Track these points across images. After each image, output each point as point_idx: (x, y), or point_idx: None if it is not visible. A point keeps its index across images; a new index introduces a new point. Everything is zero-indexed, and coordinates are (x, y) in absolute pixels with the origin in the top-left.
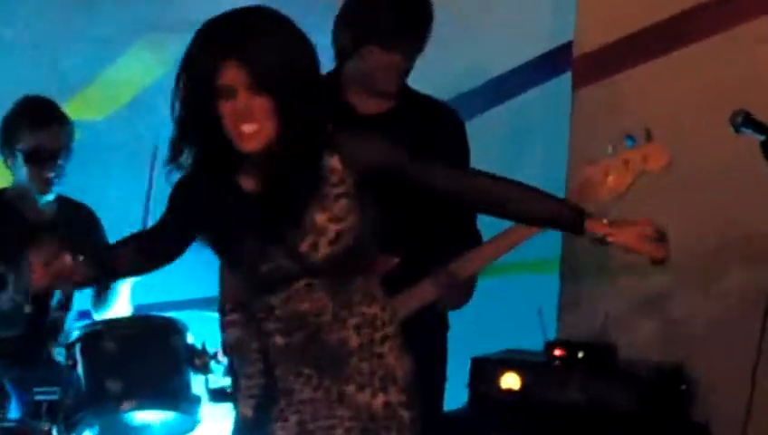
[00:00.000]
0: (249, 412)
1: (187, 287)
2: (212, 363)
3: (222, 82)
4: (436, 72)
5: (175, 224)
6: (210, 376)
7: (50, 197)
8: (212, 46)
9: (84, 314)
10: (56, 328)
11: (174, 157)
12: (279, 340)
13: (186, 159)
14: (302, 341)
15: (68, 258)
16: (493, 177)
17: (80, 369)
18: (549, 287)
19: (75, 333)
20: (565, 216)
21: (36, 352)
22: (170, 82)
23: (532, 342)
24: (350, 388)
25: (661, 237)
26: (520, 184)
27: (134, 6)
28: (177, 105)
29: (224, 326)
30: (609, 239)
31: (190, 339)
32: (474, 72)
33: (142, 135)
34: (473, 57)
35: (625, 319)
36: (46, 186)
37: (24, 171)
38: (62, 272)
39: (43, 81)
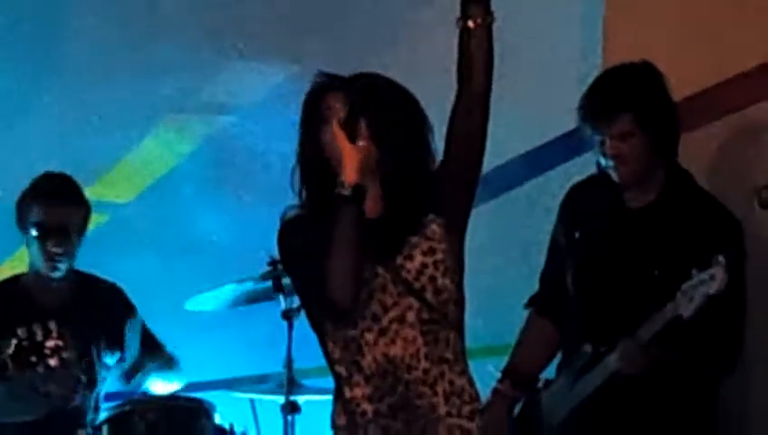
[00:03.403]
0: None
1: (215, 368)
2: None
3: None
4: None
5: None
6: None
7: (58, 274)
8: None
9: (111, 396)
10: (80, 411)
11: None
12: (368, 407)
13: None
14: (394, 405)
15: None
16: None
17: None
18: None
19: (103, 415)
20: None
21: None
22: (194, 164)
23: None
24: None
25: None
26: None
27: (158, 88)
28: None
29: None
30: None
31: (218, 420)
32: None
33: (166, 218)
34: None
35: None
36: (54, 262)
37: (35, 247)
38: None
39: (67, 163)
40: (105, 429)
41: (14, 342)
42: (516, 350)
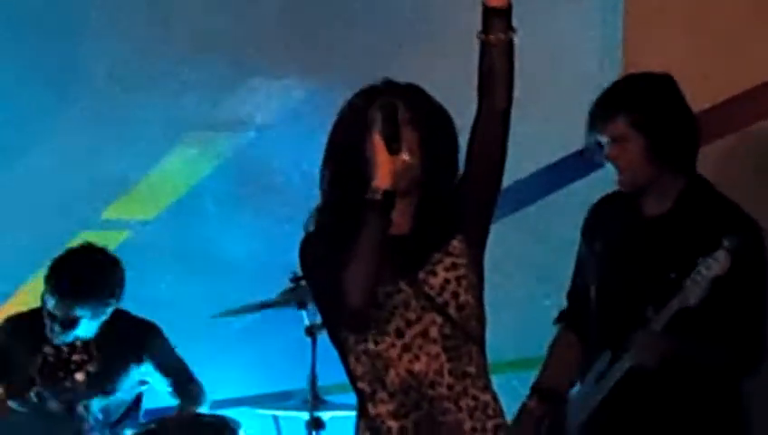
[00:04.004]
0: None
1: (239, 385)
2: None
3: None
4: None
5: None
6: None
7: (67, 339)
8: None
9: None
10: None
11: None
12: (393, 424)
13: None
14: (419, 422)
15: None
16: None
17: None
18: None
19: (128, 434)
20: None
21: None
22: (215, 181)
23: None
24: None
25: None
26: None
27: (180, 105)
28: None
29: None
30: None
31: None
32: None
33: (188, 235)
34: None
35: None
36: (57, 340)
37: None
38: None
39: (89, 181)
40: None
41: (40, 357)
42: (545, 366)
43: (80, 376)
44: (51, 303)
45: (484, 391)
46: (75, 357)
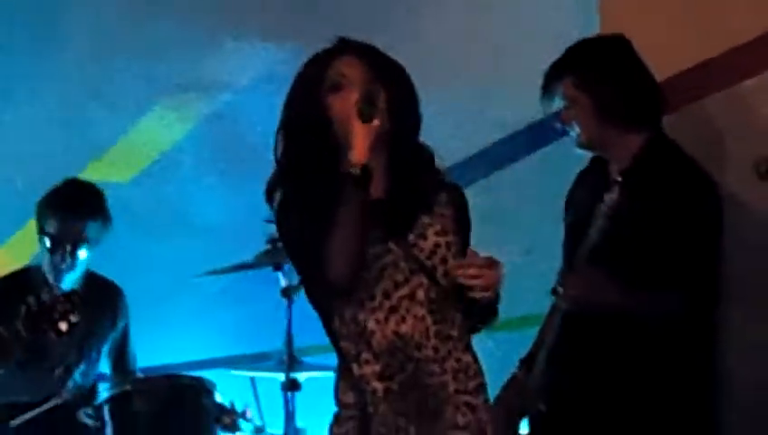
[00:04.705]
0: None
1: (215, 346)
2: (240, 422)
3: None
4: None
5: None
6: (239, 434)
7: (63, 286)
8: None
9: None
10: (80, 391)
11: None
12: (378, 385)
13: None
14: (404, 383)
15: None
16: None
17: (109, 430)
18: None
19: (103, 395)
20: None
21: (63, 416)
22: (192, 144)
23: None
24: None
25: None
26: None
27: (156, 68)
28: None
29: None
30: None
31: (218, 398)
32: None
33: (165, 197)
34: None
35: None
36: (60, 274)
37: (46, 256)
38: None
39: (66, 142)
40: (106, 408)
41: (23, 308)
42: (536, 338)
43: (63, 325)
44: (54, 226)
45: (465, 352)
46: (59, 307)
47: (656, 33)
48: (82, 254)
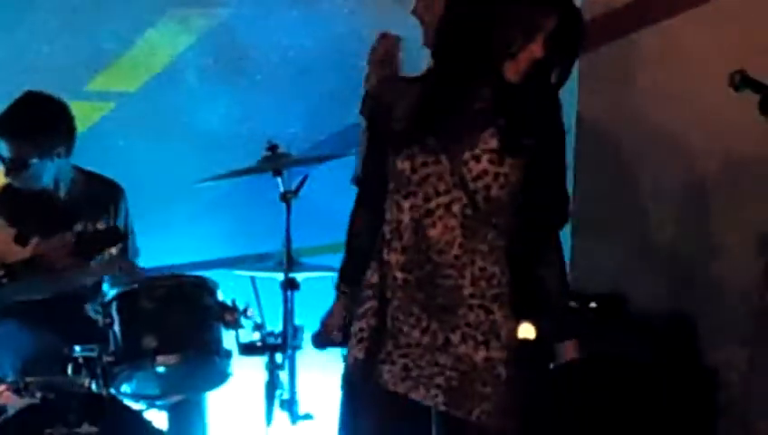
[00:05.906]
0: (359, 355)
1: (218, 248)
2: (242, 319)
3: None
4: None
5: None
6: (240, 331)
7: (38, 185)
8: None
9: None
10: (87, 289)
11: None
12: (399, 275)
13: None
14: (421, 279)
15: None
16: None
17: (116, 326)
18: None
19: (111, 293)
20: None
21: (72, 311)
22: (196, 55)
23: None
24: (455, 337)
25: None
26: None
27: None
28: None
29: None
30: None
31: (220, 296)
32: None
33: (170, 106)
34: None
35: (635, 269)
36: (22, 184)
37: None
38: None
39: (73, 54)
40: (113, 305)
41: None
42: None
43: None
44: (2, 147)
45: (494, 264)
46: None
47: None
48: (36, 170)
